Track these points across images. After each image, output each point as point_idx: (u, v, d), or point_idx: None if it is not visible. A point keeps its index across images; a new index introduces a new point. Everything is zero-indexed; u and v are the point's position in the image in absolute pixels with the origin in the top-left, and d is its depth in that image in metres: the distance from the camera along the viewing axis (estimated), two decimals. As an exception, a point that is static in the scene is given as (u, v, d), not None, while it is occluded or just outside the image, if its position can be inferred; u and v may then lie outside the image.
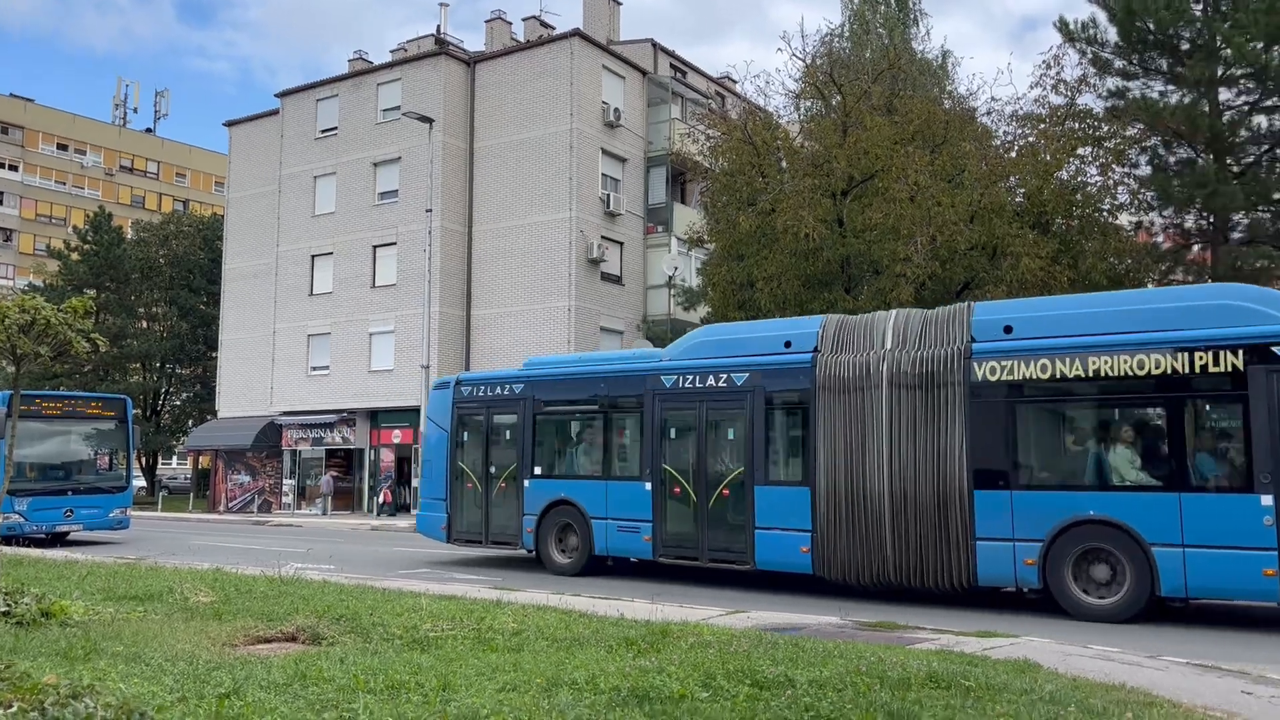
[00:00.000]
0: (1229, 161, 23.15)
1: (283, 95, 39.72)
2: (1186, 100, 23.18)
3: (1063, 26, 24.61)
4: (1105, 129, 23.58)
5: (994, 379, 12.02)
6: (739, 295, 24.97)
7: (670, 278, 33.88)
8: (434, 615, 9.27)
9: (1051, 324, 12.05)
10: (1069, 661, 8.05)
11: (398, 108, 35.04)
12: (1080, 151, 23.31)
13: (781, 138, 25.92)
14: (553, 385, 16.46)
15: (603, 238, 33.67)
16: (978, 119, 25.66)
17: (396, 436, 35.58)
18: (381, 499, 34.94)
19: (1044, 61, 24.04)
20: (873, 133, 22.68)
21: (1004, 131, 24.81)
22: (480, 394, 17.19)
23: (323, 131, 38.04)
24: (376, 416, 36.18)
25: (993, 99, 45.95)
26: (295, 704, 5.83)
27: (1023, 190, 22.71)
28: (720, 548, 14.20)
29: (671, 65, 38.89)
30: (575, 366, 16.78)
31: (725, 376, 14.23)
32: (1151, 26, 23.18)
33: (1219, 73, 22.75)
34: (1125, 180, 24.03)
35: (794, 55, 51.71)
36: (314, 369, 37.21)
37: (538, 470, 16.32)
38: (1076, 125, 23.50)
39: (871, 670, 6.78)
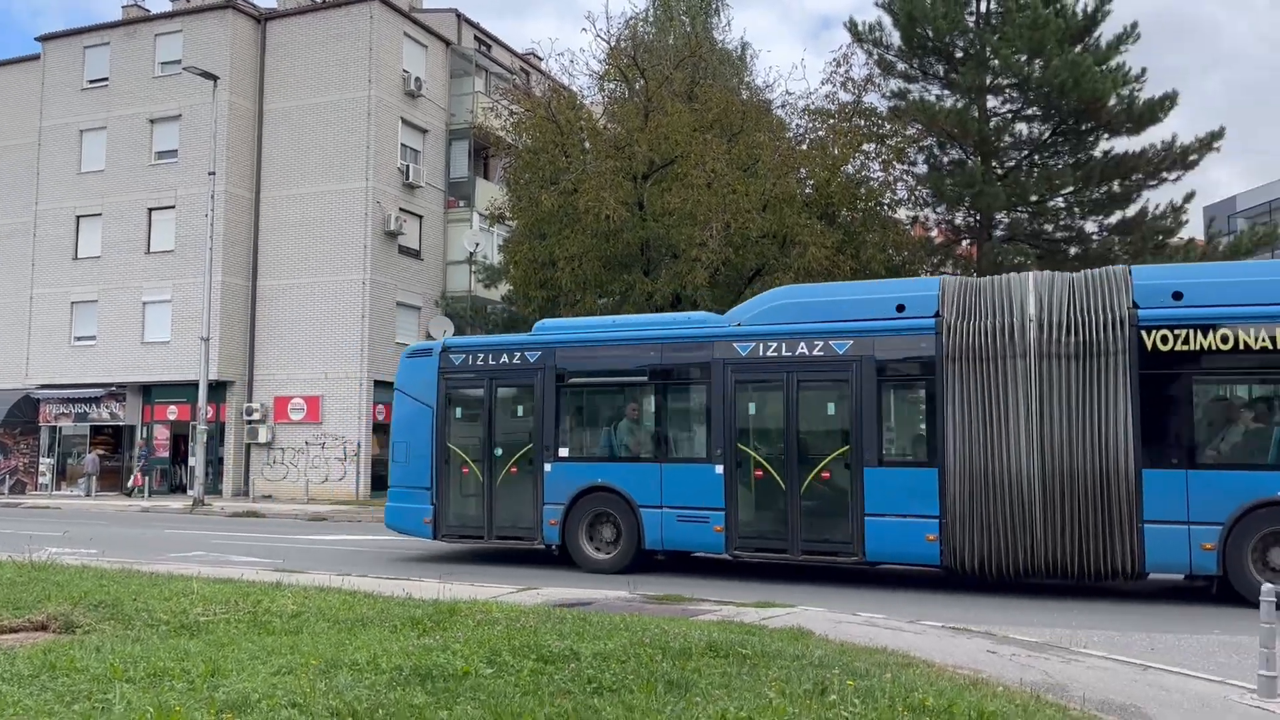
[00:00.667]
0: (994, 164, 25.04)
1: (45, 39, 36.30)
2: (959, 105, 24.88)
3: (852, 27, 25.89)
4: (888, 127, 24.97)
5: (1166, 349, 11.05)
6: (541, 274, 24.91)
7: (471, 254, 33.42)
8: (206, 599, 8.78)
9: (1226, 291, 11.22)
10: (839, 628, 8.53)
11: (178, 61, 32.75)
12: (865, 147, 24.57)
13: (585, 118, 25.98)
14: (584, 352, 14.15)
15: (401, 210, 32.77)
16: (773, 111, 26.60)
17: (172, 413, 33.45)
18: (132, 482, 32.77)
19: (834, 59, 25.27)
20: (674, 118, 23.08)
21: (796, 124, 25.86)
22: (478, 363, 14.62)
23: (91, 82, 35.06)
24: (150, 391, 33.87)
25: (787, 92, 47.62)
26: (42, 696, 5.39)
27: (812, 182, 23.73)
28: (818, 539, 12.41)
29: (476, 37, 38.21)
30: (611, 331, 14.47)
31: (821, 344, 12.48)
32: (930, 33, 24.73)
33: (988, 81, 24.55)
34: (904, 177, 25.58)
35: (599, 36, 51.62)
36: (78, 339, 34.37)
37: (563, 452, 13.97)
38: (862, 122, 24.76)
39: (655, 642, 6.94)
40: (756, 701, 5.44)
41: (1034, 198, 24.86)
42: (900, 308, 12.37)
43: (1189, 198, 24.60)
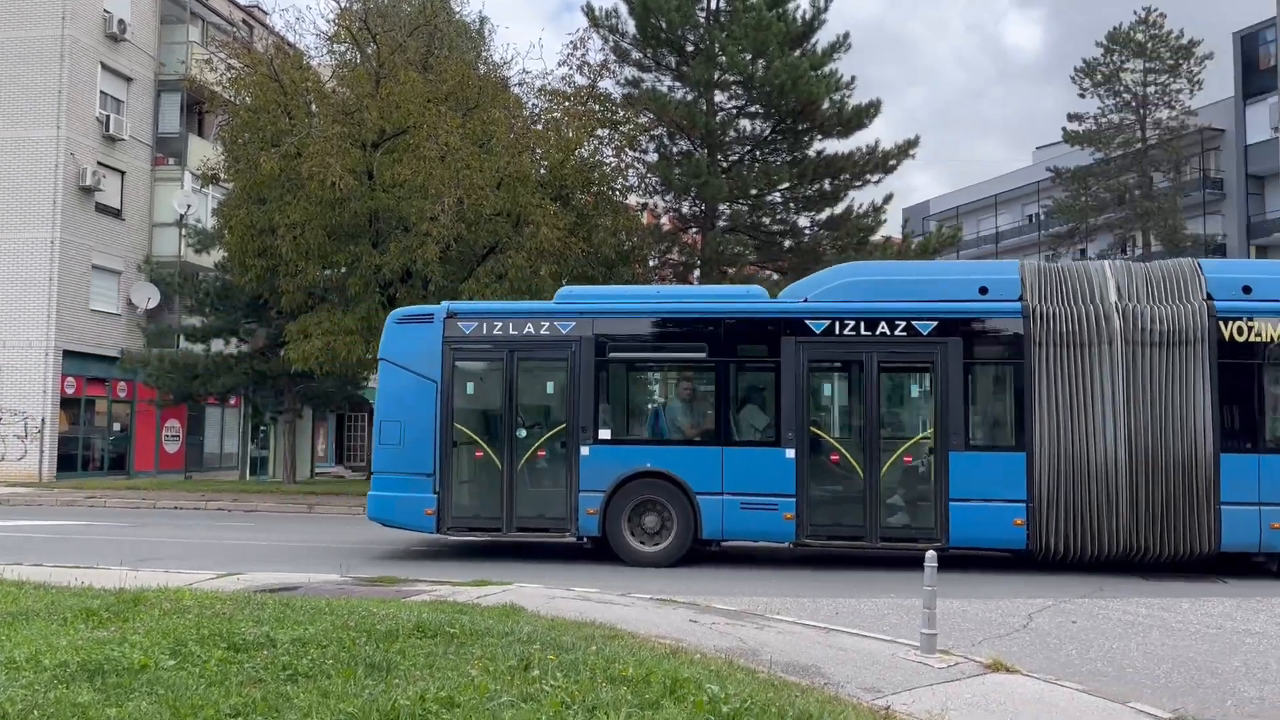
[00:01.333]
0: (719, 157, 26.18)
1: None
2: (689, 98, 25.80)
3: (589, 12, 26.18)
4: (621, 114, 25.48)
5: (1241, 339, 11.68)
6: (259, 241, 23.48)
7: (182, 216, 31.06)
8: None
9: None
10: (553, 604, 8.64)
11: None
12: (599, 132, 24.93)
13: (312, 79, 24.70)
14: (631, 325, 12.95)
15: (99, 164, 29.77)
16: (510, 88, 26.42)
17: None
18: None
19: (572, 43, 25.41)
20: (406, 87, 22.38)
21: (532, 104, 25.82)
22: (494, 332, 12.96)
23: None
24: None
25: (524, 71, 47.42)
26: None
27: (546, 163, 23.79)
28: (898, 525, 12.14)
29: (192, -18, 35.32)
30: (661, 303, 13.34)
31: (904, 324, 12.14)
32: (664, 25, 25.46)
33: (716, 76, 25.59)
34: (635, 164, 26.24)
35: (332, -5, 49.51)
36: None
37: (604, 434, 12.65)
38: (597, 107, 25.08)
39: (360, 625, 6.72)
40: (459, 680, 5.38)
41: (754, 191, 26.23)
42: (983, 290, 12.32)
43: (888, 199, 26.89)
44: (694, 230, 27.83)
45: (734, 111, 26.51)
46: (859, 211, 26.55)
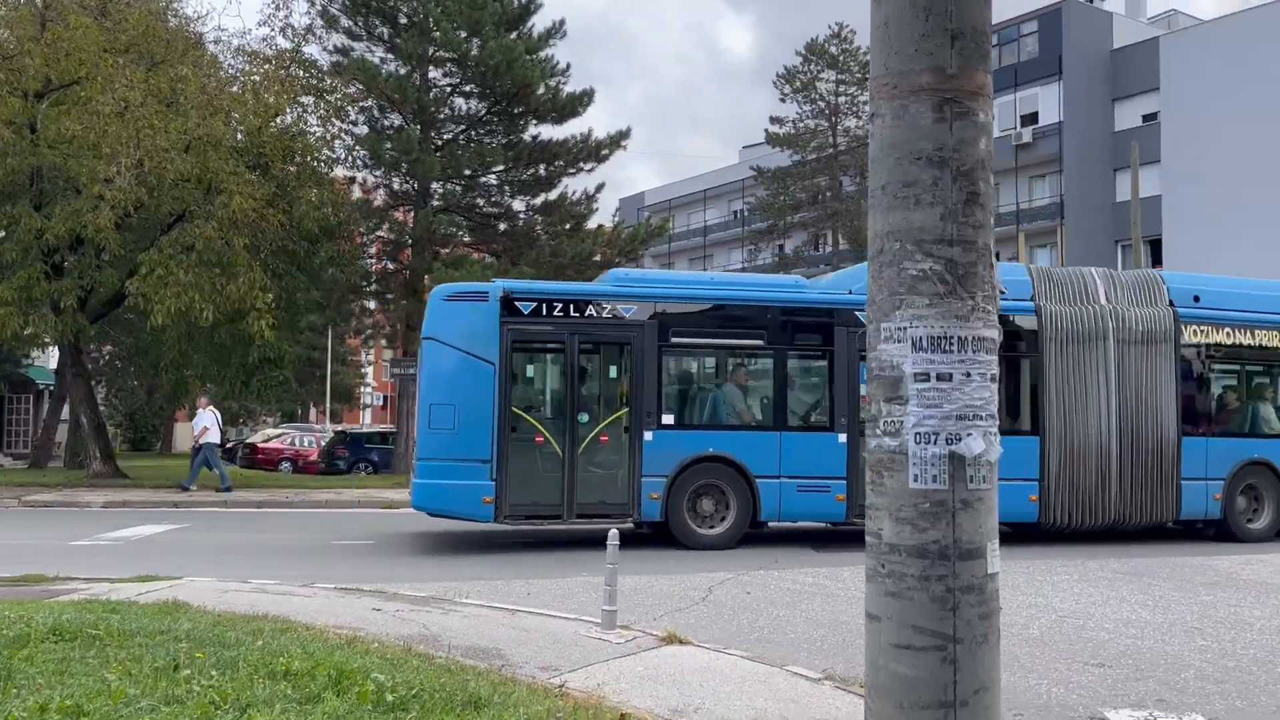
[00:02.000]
0: (433, 135, 25.63)
1: None
2: (401, 71, 25.05)
3: (295, -29, 24.74)
4: (329, 82, 24.26)
5: (1196, 341, 13.73)
6: (-111, 196, 20.39)
7: None
8: None
9: (1226, 299, 14.16)
10: (225, 598, 8.09)
11: None
12: (304, 100, 23.60)
13: (-38, 16, 21.70)
14: (693, 310, 13.03)
15: None
16: (204, 45, 24.48)
17: None
18: None
19: (274, 3, 23.84)
20: (78, 34, 20.16)
21: (229, 64, 24.07)
22: (555, 313, 12.50)
23: None
24: None
25: (221, 29, 44.23)
26: None
27: (243, 128, 22.26)
28: None
29: None
30: (715, 289, 13.75)
31: None
32: (376, -7, 24.53)
33: (430, 52, 25.01)
34: (342, 135, 25.10)
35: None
36: None
37: (667, 419, 12.67)
38: (302, 73, 23.76)
39: (-18, 631, 5.95)
40: (93, 686, 4.87)
41: (468, 172, 25.95)
42: (1001, 291, 13.26)
43: (600, 188, 27.50)
44: (406, 208, 27.11)
45: (449, 89, 26.07)
46: (573, 198, 26.93)
